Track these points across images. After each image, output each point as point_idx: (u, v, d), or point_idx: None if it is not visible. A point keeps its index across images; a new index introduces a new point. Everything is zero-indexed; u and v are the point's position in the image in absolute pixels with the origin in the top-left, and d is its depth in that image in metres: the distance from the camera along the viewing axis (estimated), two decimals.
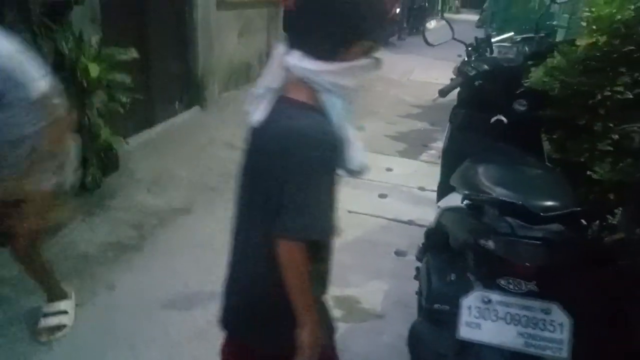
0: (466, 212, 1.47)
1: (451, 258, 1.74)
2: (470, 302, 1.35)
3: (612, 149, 2.30)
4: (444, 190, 2.40)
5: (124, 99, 3.47)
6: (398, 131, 5.49)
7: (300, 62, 1.09)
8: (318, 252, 1.20)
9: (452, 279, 1.68)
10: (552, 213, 1.28)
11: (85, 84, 3.19)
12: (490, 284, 1.39)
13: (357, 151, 1.19)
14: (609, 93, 2.22)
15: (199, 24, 5.32)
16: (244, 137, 1.25)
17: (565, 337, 1.27)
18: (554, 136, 2.44)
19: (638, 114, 2.32)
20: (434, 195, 2.86)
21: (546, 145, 2.53)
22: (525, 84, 2.40)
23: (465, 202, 1.44)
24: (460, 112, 2.49)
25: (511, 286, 1.39)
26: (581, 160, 2.32)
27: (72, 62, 3.18)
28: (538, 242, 1.27)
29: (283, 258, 1.12)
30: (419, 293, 1.95)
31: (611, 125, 2.29)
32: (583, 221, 1.42)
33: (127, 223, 3.17)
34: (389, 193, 3.91)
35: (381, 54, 1.45)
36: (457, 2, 29.08)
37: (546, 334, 1.28)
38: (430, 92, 6.68)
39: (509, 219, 1.30)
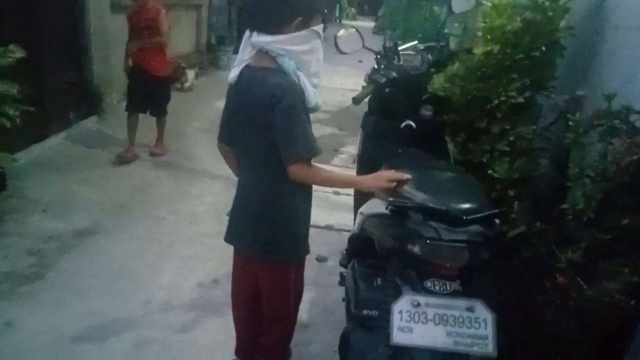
0: (390, 218, 1.51)
1: (376, 263, 1.79)
2: (401, 307, 1.39)
3: (509, 149, 2.50)
4: (361, 195, 2.46)
5: (10, 111, 3.13)
6: None
7: (259, 38, 1.56)
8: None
9: (379, 283, 1.72)
10: (474, 216, 1.36)
11: None
12: (417, 287, 1.45)
13: (312, 95, 1.62)
14: (504, 98, 2.41)
15: (93, 29, 4.97)
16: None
17: (489, 333, 1.35)
18: (458, 139, 2.60)
19: (528, 116, 2.55)
20: (350, 199, 2.92)
21: (451, 147, 2.70)
22: (429, 91, 2.54)
23: (390, 208, 1.48)
24: (372, 119, 2.56)
25: (437, 287, 1.45)
26: (483, 160, 2.50)
27: None
28: (462, 244, 1.34)
29: (303, 175, 1.61)
30: (346, 300, 1.98)
31: (507, 127, 2.50)
32: (496, 221, 1.52)
33: (23, 249, 2.87)
34: None
35: None
36: (353, 9, 30.09)
37: (472, 330, 1.36)
38: (335, 98, 6.84)
39: (433, 224, 1.36)
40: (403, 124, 2.42)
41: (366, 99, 2.43)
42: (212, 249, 2.99)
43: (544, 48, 2.47)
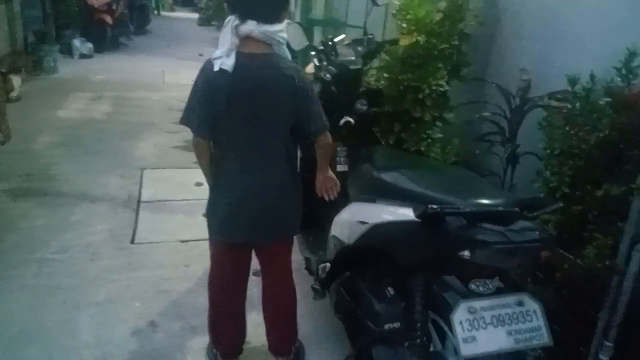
0: (419, 225, 1.41)
1: (383, 273, 1.69)
2: (460, 317, 1.31)
3: (441, 135, 2.60)
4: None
5: None
6: (185, 139, 5.06)
7: (265, 27, 1.60)
8: None
9: (392, 293, 1.63)
10: (543, 210, 1.34)
11: None
12: (465, 292, 1.39)
13: None
14: (434, 87, 2.48)
15: None
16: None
17: (542, 323, 1.36)
18: (393, 130, 2.61)
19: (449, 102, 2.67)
20: None
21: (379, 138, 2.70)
22: (363, 85, 2.50)
23: (421, 214, 1.37)
24: None
25: (481, 288, 1.41)
26: (420, 148, 2.55)
27: None
28: (536, 243, 1.30)
29: (327, 141, 1.81)
30: (348, 317, 1.85)
31: (437, 114, 2.59)
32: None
33: None
34: None
35: (118, 56, 3.81)
36: (170, 0, 28.57)
37: (526, 325, 1.35)
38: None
39: (489, 226, 1.30)
40: (342, 121, 2.34)
41: None
42: (131, 285, 2.54)
43: (456, 37, 2.61)
